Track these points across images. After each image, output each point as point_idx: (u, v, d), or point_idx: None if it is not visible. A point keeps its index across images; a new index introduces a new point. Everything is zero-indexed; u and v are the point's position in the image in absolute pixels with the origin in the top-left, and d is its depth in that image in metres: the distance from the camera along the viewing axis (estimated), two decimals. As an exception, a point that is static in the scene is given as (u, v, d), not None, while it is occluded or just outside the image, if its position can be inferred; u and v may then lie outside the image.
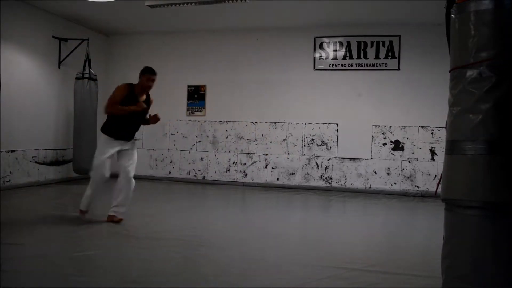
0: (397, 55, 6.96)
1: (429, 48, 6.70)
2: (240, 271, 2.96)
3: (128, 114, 4.08)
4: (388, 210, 5.69)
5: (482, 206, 1.83)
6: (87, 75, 6.89)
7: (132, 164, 4.23)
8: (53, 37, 6.90)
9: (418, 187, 6.88)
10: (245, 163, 7.62)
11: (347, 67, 7.18)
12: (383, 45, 7.00)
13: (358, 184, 7.12)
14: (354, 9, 6.29)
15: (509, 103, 1.81)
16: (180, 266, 3.13)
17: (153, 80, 4.20)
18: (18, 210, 4.76)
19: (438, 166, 6.70)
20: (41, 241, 3.55)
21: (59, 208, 4.93)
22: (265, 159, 7.52)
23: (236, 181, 7.62)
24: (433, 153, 6.84)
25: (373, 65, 7.06)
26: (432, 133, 6.84)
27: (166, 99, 7.89)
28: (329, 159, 7.24)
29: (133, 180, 4.24)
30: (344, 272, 2.93)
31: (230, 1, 5.73)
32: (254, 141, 7.59)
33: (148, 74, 4.17)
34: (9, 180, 6.15)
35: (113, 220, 4.19)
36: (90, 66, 6.93)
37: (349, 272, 2.94)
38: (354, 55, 7.13)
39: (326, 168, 7.25)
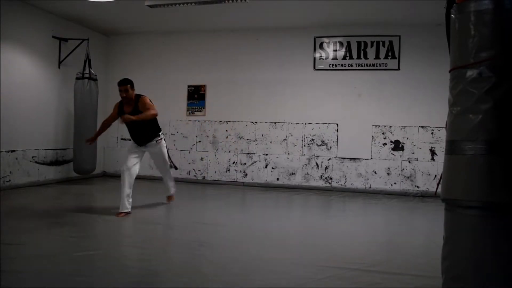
0: (397, 55, 6.96)
1: (429, 48, 6.70)
2: (240, 271, 2.96)
3: (127, 124, 4.62)
4: (388, 210, 5.68)
5: (482, 206, 1.83)
6: (87, 75, 6.90)
7: (161, 162, 5.12)
8: (53, 37, 6.90)
9: (418, 187, 6.88)
10: (245, 163, 7.61)
11: (347, 67, 7.18)
12: (383, 45, 7.00)
13: (358, 184, 7.12)
14: (354, 9, 6.29)
15: (509, 103, 1.82)
16: (180, 266, 3.13)
17: (121, 90, 4.59)
18: (18, 210, 4.76)
19: (438, 166, 6.70)
20: (41, 241, 3.55)
21: (59, 208, 4.93)
22: (265, 159, 7.52)
23: (236, 181, 7.62)
24: (433, 153, 6.84)
25: (373, 65, 7.06)
26: (432, 133, 6.84)
27: (166, 99, 7.89)
28: (329, 159, 7.24)
29: (169, 171, 5.23)
30: (344, 272, 2.93)
31: (230, 1, 5.72)
32: (254, 141, 7.59)
33: (118, 86, 4.63)
34: (9, 180, 6.15)
35: (170, 199, 5.44)
36: (90, 66, 6.93)
37: (349, 272, 2.94)
38: (354, 55, 7.13)
39: (326, 168, 7.25)
